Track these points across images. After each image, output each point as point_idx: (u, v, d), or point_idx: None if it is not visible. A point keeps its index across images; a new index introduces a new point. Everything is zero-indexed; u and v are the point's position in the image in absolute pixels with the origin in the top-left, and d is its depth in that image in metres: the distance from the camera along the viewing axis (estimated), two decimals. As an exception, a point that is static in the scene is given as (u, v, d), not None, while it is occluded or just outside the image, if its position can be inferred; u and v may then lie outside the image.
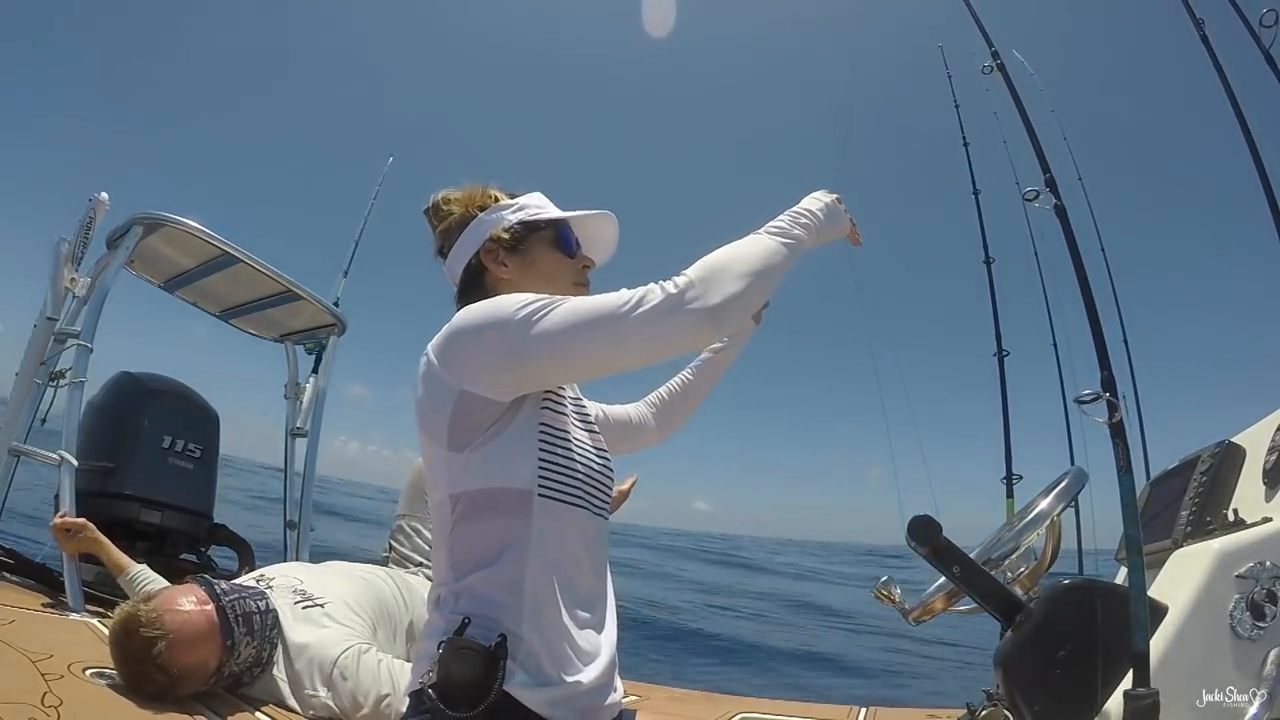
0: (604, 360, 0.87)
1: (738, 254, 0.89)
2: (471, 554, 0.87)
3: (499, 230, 1.03)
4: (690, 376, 1.35)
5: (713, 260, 0.87)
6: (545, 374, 0.89)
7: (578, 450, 0.94)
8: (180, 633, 1.26)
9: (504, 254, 1.03)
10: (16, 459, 2.20)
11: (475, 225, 1.05)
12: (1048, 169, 1.31)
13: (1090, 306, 1.16)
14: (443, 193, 1.09)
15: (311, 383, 3.06)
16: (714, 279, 0.84)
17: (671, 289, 0.83)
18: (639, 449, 1.33)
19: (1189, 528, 1.36)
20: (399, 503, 2.02)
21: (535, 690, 0.82)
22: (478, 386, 0.86)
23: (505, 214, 1.05)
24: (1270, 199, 2.08)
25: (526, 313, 0.85)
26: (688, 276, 0.84)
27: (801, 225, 0.97)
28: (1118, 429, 1.02)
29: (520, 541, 0.86)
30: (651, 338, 0.84)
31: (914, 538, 1.09)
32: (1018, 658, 1.06)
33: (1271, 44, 2.19)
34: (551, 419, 0.93)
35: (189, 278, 2.74)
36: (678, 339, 0.85)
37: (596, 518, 0.95)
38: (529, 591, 0.85)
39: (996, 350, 3.51)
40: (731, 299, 0.84)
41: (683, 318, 0.82)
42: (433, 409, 0.89)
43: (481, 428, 0.88)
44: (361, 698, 1.33)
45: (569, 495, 0.90)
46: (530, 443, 0.89)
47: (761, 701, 2.11)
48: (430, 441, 0.91)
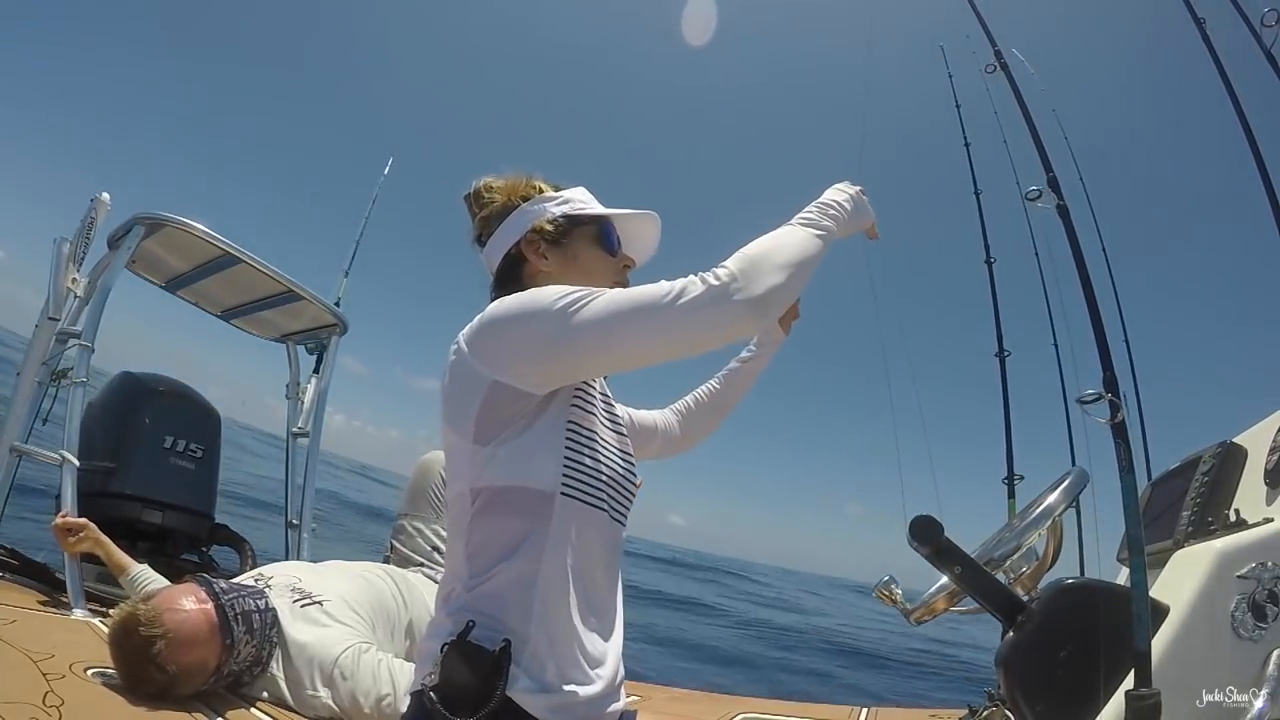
0: (647, 350, 0.85)
1: (776, 245, 0.88)
2: (488, 548, 0.86)
3: (542, 222, 1.02)
4: (717, 385, 1.33)
5: (753, 251, 0.86)
6: (587, 364, 0.88)
7: (604, 452, 0.93)
8: (179, 631, 1.26)
9: (545, 246, 1.02)
10: (18, 459, 2.20)
11: (517, 215, 1.03)
12: (1050, 168, 1.30)
13: (1092, 306, 1.16)
14: (485, 180, 1.08)
15: (313, 383, 3.06)
16: (756, 270, 0.83)
17: (714, 280, 0.82)
18: (663, 456, 1.31)
19: (1190, 528, 1.36)
20: (401, 502, 2.03)
21: (538, 696, 0.81)
22: (512, 377, 0.85)
23: (549, 206, 1.03)
24: (1271, 198, 2.07)
25: (566, 302, 0.84)
26: (729, 268, 0.83)
27: (830, 217, 0.96)
28: (1119, 429, 1.01)
29: (538, 539, 0.85)
30: (695, 328, 0.83)
31: (916, 537, 1.09)
32: (1019, 658, 1.06)
33: (1272, 44, 2.19)
34: (580, 418, 0.91)
35: (190, 278, 2.74)
36: (722, 330, 0.84)
37: (615, 523, 0.93)
38: (541, 590, 0.84)
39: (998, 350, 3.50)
40: (774, 290, 0.83)
41: (727, 308, 0.81)
42: (461, 400, 0.87)
43: (509, 422, 0.86)
44: (361, 697, 1.33)
45: (591, 496, 0.89)
46: (557, 441, 0.88)
47: (761, 701, 2.11)
48: (454, 433, 0.89)
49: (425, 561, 1.90)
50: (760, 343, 1.31)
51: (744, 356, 1.32)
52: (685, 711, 1.94)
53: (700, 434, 1.33)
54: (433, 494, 1.97)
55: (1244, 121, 2.22)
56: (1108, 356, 1.11)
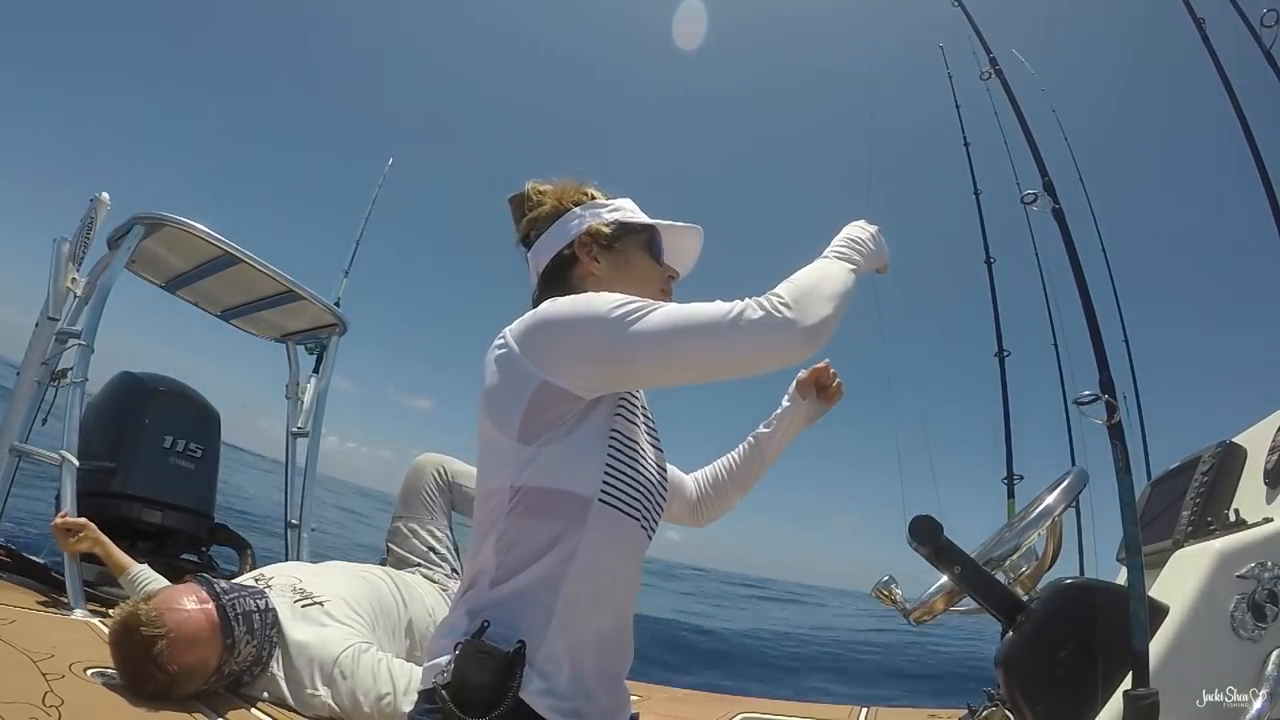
0: (702, 366, 0.88)
1: (825, 276, 0.92)
2: (521, 546, 0.87)
3: (599, 225, 1.04)
4: (739, 460, 1.29)
5: (803, 282, 0.89)
6: (642, 373, 0.90)
7: (644, 463, 0.94)
8: (180, 631, 1.26)
9: (598, 250, 1.04)
10: (18, 459, 2.20)
11: (569, 218, 1.05)
12: (1046, 172, 1.30)
13: (1088, 309, 1.16)
14: (535, 183, 1.10)
15: (312, 383, 3.06)
16: (810, 299, 0.87)
17: (771, 306, 0.85)
18: (678, 522, 1.29)
19: (1190, 528, 1.36)
20: (395, 505, 2.02)
21: (551, 699, 0.80)
22: (564, 379, 0.86)
23: (603, 211, 1.06)
24: (1271, 198, 2.08)
25: (625, 310, 0.86)
26: (783, 296, 0.86)
27: (859, 253, 0.99)
28: (1116, 430, 1.01)
29: (571, 542, 0.85)
30: (752, 349, 0.85)
31: (915, 537, 1.09)
32: (1018, 657, 1.06)
33: (1272, 44, 2.19)
34: (624, 427, 0.93)
35: (190, 278, 2.74)
36: (777, 353, 0.87)
37: (645, 535, 0.94)
38: (565, 593, 0.84)
39: (997, 350, 3.50)
40: (826, 320, 0.87)
41: (785, 334, 0.85)
42: (507, 397, 0.88)
43: (555, 423, 0.87)
44: (361, 696, 1.33)
45: (628, 505, 0.90)
46: (599, 447, 0.89)
47: (761, 702, 2.11)
48: (495, 429, 0.90)
49: (422, 562, 1.90)
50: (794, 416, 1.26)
51: (762, 433, 1.28)
52: (685, 711, 1.94)
53: (718, 512, 1.29)
54: (426, 495, 1.97)
55: (1243, 121, 2.23)
56: (1104, 358, 1.11)
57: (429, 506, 1.97)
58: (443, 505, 1.98)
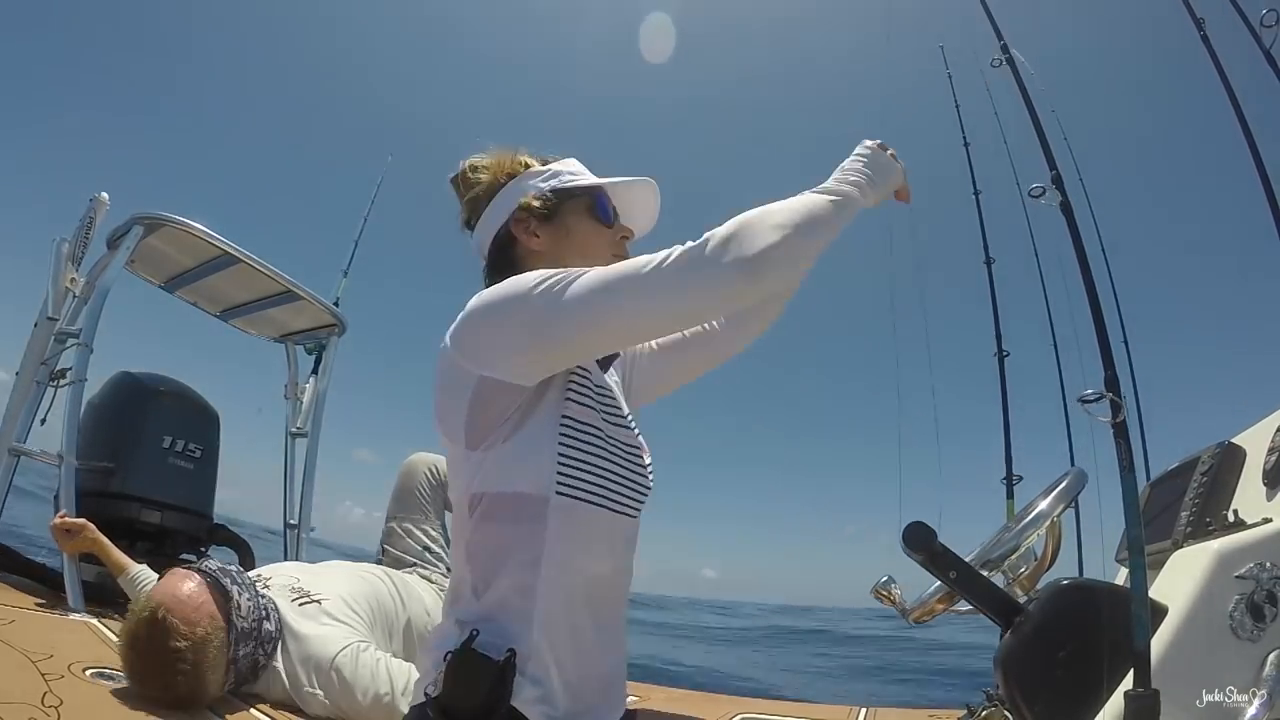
0: (633, 325, 0.82)
1: (776, 207, 0.82)
2: (486, 557, 0.84)
3: (530, 198, 0.97)
4: None
5: (746, 214, 0.80)
6: (573, 346, 0.83)
7: (604, 446, 0.87)
8: (175, 598, 1.28)
9: (536, 223, 0.96)
10: (16, 459, 2.20)
11: (504, 193, 0.98)
12: (1054, 165, 1.28)
13: (1095, 305, 1.14)
14: (471, 159, 1.02)
15: (311, 383, 3.06)
16: (748, 230, 0.77)
17: (698, 243, 0.77)
18: (714, 364, 1.12)
19: (1189, 528, 1.36)
20: (388, 505, 2.02)
21: (544, 706, 0.78)
22: (498, 370, 0.81)
23: (537, 181, 0.98)
24: (1270, 198, 2.08)
25: (546, 284, 0.80)
26: (718, 231, 0.78)
27: (848, 182, 0.90)
28: (1121, 429, 1.01)
29: (535, 546, 0.81)
30: (681, 297, 0.78)
31: (909, 544, 1.09)
32: (1017, 658, 1.06)
33: (1272, 44, 2.19)
34: (576, 412, 0.86)
35: (189, 278, 2.74)
36: (710, 296, 0.78)
37: (622, 517, 0.87)
38: (543, 598, 0.81)
39: (997, 350, 3.50)
40: (769, 249, 0.76)
41: (714, 272, 0.76)
42: (450, 402, 0.84)
43: (499, 420, 0.82)
44: (360, 695, 1.33)
45: (590, 494, 0.84)
46: (550, 439, 0.83)
47: (761, 702, 2.11)
48: (447, 440, 0.87)
49: (418, 562, 1.90)
50: None
51: None
52: (685, 711, 1.94)
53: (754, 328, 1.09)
54: (420, 495, 1.97)
55: (1243, 121, 2.23)
56: (1109, 356, 1.10)
57: (422, 506, 1.97)
58: (436, 504, 1.98)
